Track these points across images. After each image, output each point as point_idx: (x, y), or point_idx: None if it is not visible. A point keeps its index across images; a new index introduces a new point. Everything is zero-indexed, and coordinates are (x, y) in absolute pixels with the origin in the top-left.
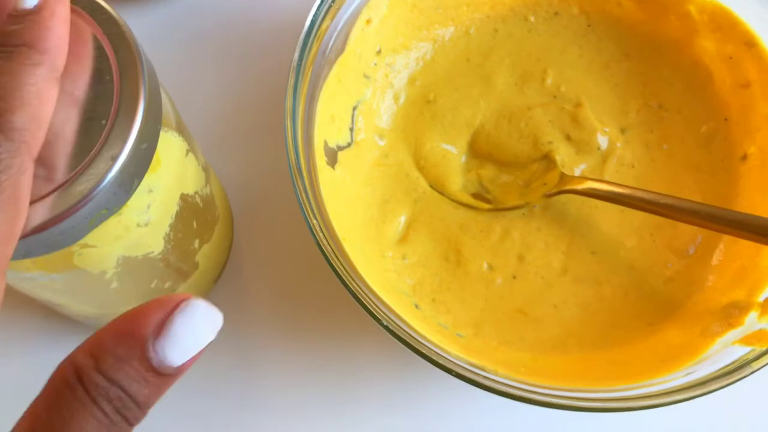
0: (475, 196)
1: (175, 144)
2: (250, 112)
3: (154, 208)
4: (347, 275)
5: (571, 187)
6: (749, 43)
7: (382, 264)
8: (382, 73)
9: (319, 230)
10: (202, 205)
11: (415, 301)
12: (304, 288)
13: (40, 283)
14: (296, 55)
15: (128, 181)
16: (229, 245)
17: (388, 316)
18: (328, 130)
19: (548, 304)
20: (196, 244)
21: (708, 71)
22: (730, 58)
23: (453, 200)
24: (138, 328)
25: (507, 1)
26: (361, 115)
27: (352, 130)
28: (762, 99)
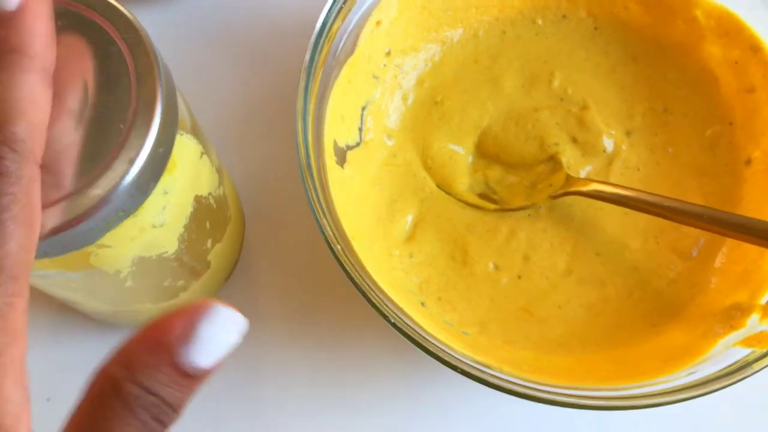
0: (482, 196)
1: (190, 147)
2: (261, 112)
3: (169, 209)
4: (356, 274)
5: (577, 189)
6: (755, 48)
7: (390, 262)
8: (391, 74)
9: (329, 229)
10: (215, 205)
11: (422, 299)
12: (313, 286)
13: (57, 281)
14: (307, 56)
15: (145, 184)
16: (240, 244)
17: (395, 314)
18: (337, 130)
19: (553, 305)
20: (209, 243)
21: (714, 75)
22: (736, 63)
23: (460, 200)
24: (165, 336)
25: (515, 4)
26: (370, 116)
27: (361, 130)
28: (767, 104)
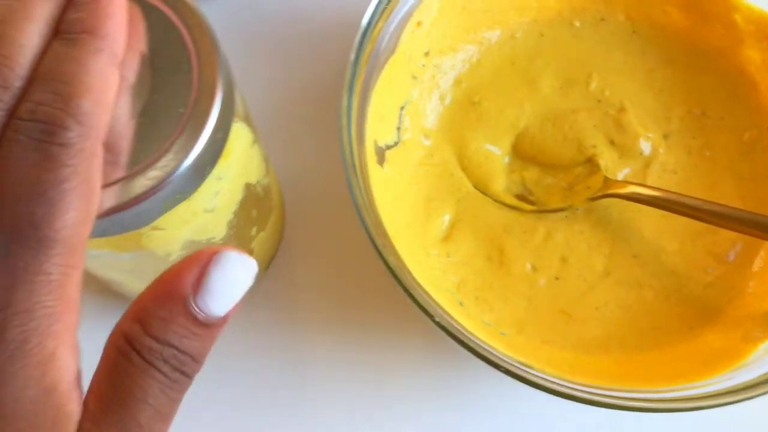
0: (519, 197)
1: (243, 134)
2: (301, 109)
3: (221, 195)
4: (400, 272)
5: (615, 191)
6: None
7: (428, 261)
8: (430, 74)
9: (372, 227)
10: (262, 194)
11: (460, 298)
12: (349, 281)
13: (107, 261)
14: (352, 56)
15: (202, 168)
16: (281, 235)
17: (439, 313)
18: (378, 129)
19: (590, 306)
20: (254, 231)
21: (752, 80)
22: None
23: (496, 201)
24: (176, 287)
25: (554, 6)
26: (408, 115)
27: (398, 129)
28: None
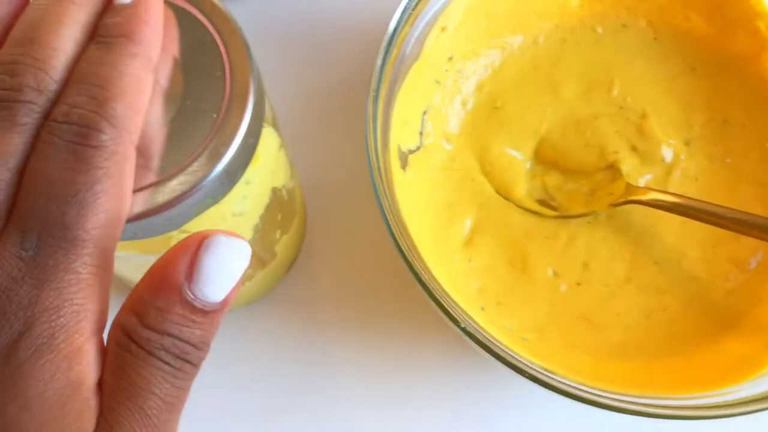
0: (541, 202)
1: (271, 139)
2: (321, 112)
3: (249, 199)
4: (426, 277)
5: (637, 198)
6: None
7: (450, 267)
8: (452, 79)
9: (398, 232)
10: (287, 198)
11: (481, 304)
12: (368, 284)
13: (135, 264)
14: (379, 61)
15: (233, 172)
16: (303, 237)
17: (463, 319)
18: (401, 134)
19: (612, 312)
20: (278, 234)
21: None
22: None
23: (518, 206)
24: (170, 276)
25: (576, 12)
26: (431, 120)
27: (421, 134)
28: None
